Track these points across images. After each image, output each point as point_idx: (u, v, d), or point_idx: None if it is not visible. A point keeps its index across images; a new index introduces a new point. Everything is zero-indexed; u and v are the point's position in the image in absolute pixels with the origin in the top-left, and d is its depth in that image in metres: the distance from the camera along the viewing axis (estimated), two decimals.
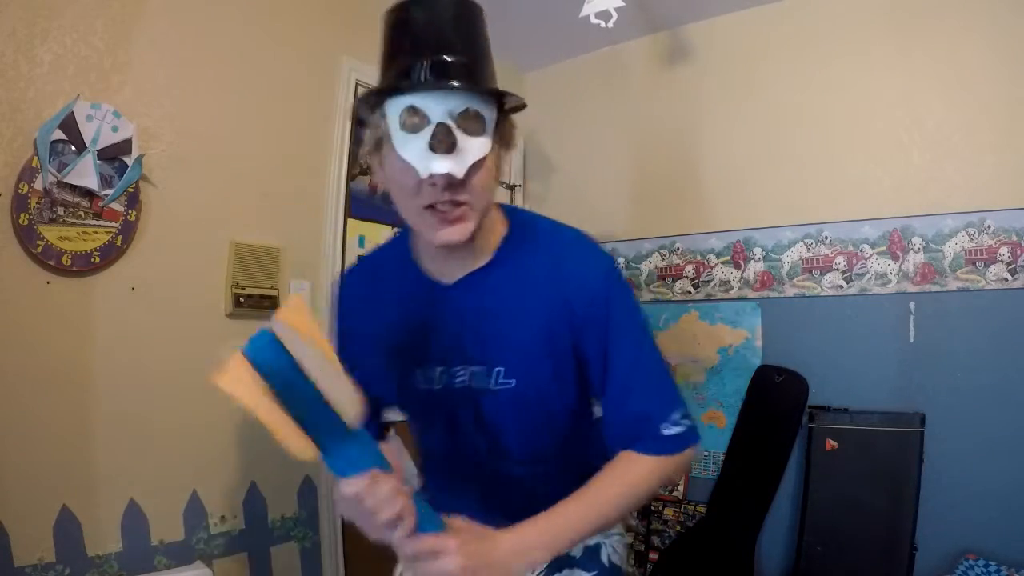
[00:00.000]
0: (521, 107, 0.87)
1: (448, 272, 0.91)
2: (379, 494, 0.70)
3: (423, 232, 0.84)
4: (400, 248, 0.96)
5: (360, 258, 1.07)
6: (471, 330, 0.90)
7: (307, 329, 0.67)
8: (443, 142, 0.76)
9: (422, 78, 0.78)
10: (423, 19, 0.82)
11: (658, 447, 0.88)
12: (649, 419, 0.88)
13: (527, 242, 0.92)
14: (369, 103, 0.83)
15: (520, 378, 0.89)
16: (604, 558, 1.03)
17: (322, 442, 0.67)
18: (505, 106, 0.85)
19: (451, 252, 0.87)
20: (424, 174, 0.77)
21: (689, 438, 0.89)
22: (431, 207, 0.80)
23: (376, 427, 1.03)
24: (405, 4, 0.83)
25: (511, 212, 0.97)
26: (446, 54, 0.80)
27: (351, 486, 0.69)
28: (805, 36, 2.38)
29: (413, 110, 0.78)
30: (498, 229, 0.92)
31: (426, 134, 0.77)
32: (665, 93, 2.69)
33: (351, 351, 0.85)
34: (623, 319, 0.90)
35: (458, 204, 0.80)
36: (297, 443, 0.65)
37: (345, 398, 0.68)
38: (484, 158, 0.81)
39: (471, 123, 0.80)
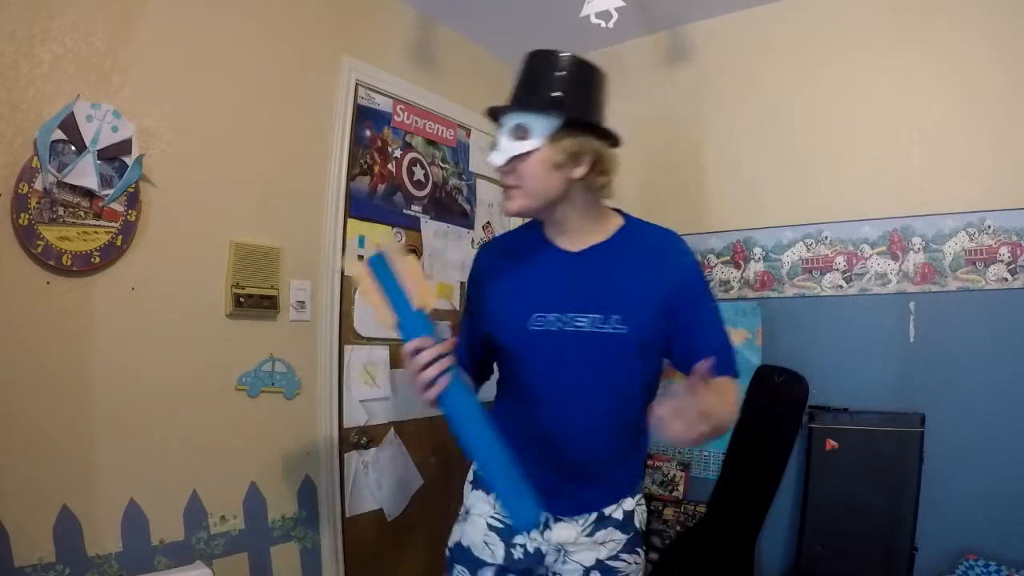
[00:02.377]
0: (593, 126, 1.22)
1: (576, 244, 1.22)
2: (427, 353, 1.02)
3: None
4: (532, 231, 1.28)
5: (494, 237, 1.44)
6: (590, 285, 1.18)
7: (403, 257, 1.11)
8: (494, 144, 1.17)
9: (499, 105, 1.19)
10: (523, 65, 1.26)
11: (733, 371, 1.19)
12: (726, 354, 1.18)
13: (640, 232, 1.25)
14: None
15: (632, 326, 1.15)
16: (636, 523, 1.26)
17: (398, 314, 1.07)
18: (571, 124, 1.16)
19: (585, 229, 1.21)
20: (489, 163, 1.18)
21: (738, 375, 1.20)
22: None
23: (475, 365, 1.33)
24: (535, 52, 1.26)
25: (627, 215, 1.28)
26: (525, 88, 1.22)
27: (412, 343, 1.03)
28: (805, 36, 2.38)
29: (497, 123, 1.19)
30: (616, 220, 1.25)
31: (498, 140, 1.17)
32: (665, 93, 2.69)
33: (476, 297, 1.31)
34: (705, 295, 1.23)
35: (508, 187, 1.17)
36: (385, 314, 1.07)
37: (416, 293, 1.07)
38: (527, 153, 1.13)
39: (519, 132, 1.14)
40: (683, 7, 2.54)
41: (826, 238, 2.27)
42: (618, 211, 1.28)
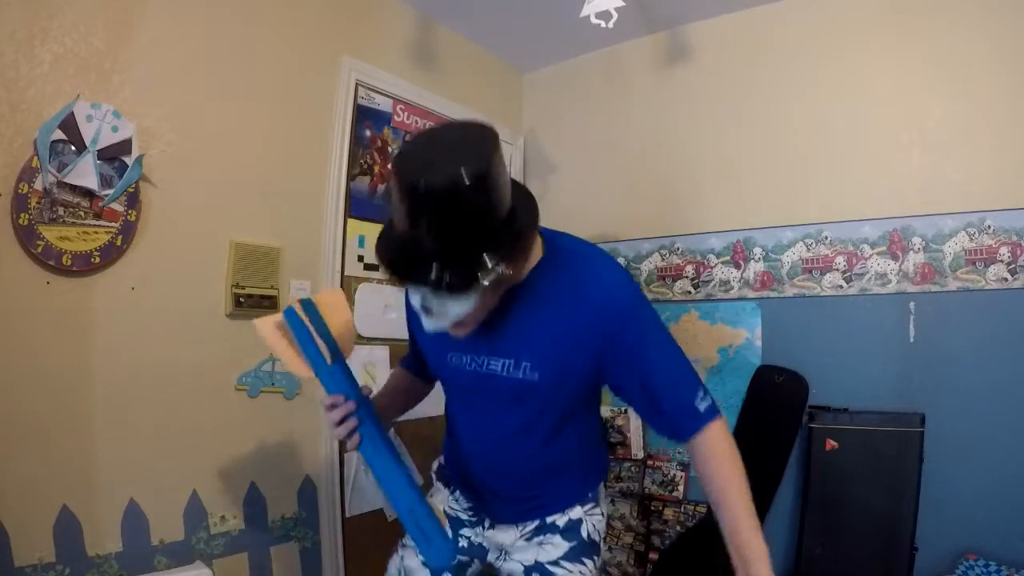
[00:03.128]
0: (522, 239, 0.98)
1: None
2: (339, 412, 1.07)
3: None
4: None
5: None
6: (502, 329, 1.08)
7: (333, 299, 1.11)
8: (425, 308, 0.95)
9: (398, 270, 0.94)
10: (405, 199, 0.88)
11: (703, 419, 1.07)
12: (685, 405, 1.06)
13: (559, 266, 1.07)
14: None
15: (543, 373, 1.07)
16: (584, 532, 1.21)
17: (313, 369, 1.08)
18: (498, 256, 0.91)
19: None
20: (426, 328, 1.00)
21: (715, 409, 1.09)
22: None
23: (426, 373, 1.36)
24: (398, 171, 0.89)
25: (550, 238, 1.11)
26: (421, 245, 0.89)
27: (327, 399, 1.09)
28: (805, 36, 2.38)
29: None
30: (536, 255, 1.07)
31: (416, 299, 0.96)
32: (665, 93, 2.69)
33: (413, 328, 1.29)
34: (644, 333, 1.06)
35: (459, 327, 1.00)
36: (298, 368, 1.08)
37: (343, 340, 1.09)
38: (470, 309, 0.94)
39: (443, 291, 0.90)
40: (683, 7, 2.54)
41: (826, 238, 2.27)
42: (543, 233, 1.10)
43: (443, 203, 0.85)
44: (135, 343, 1.65)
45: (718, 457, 1.08)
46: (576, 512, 1.22)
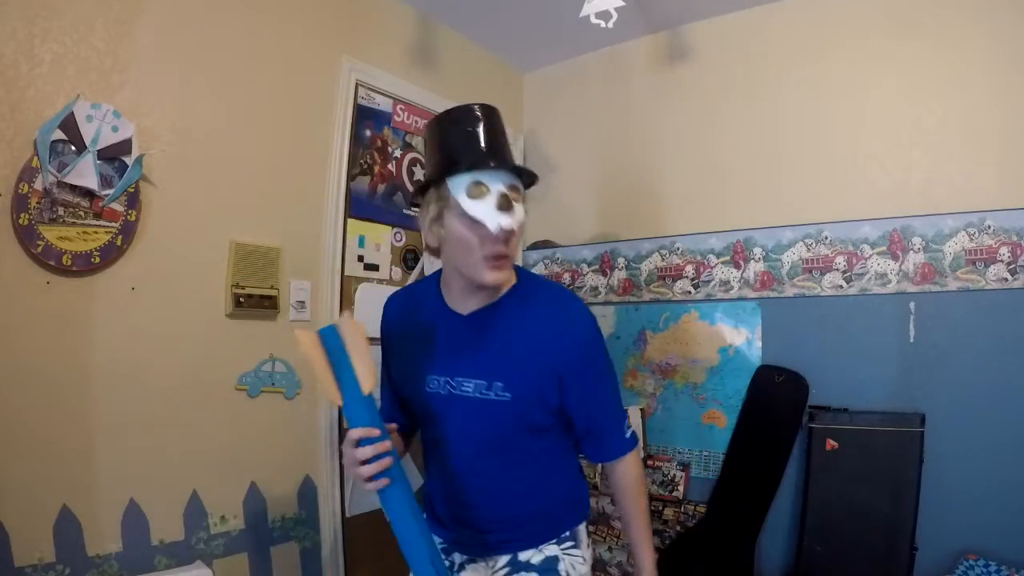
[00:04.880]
0: (534, 182, 1.18)
1: (464, 306, 1.17)
2: (371, 449, 0.99)
3: (476, 275, 1.09)
4: (431, 286, 1.24)
5: (402, 288, 1.38)
6: (475, 350, 1.15)
7: (356, 331, 1.06)
8: (507, 205, 1.05)
9: (484, 159, 1.08)
10: (467, 122, 1.11)
11: (627, 445, 1.24)
12: (616, 432, 1.23)
13: (530, 294, 1.18)
14: (427, 186, 1.11)
15: (514, 393, 1.14)
16: (562, 570, 1.21)
17: (345, 397, 1.01)
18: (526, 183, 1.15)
19: (474, 291, 1.14)
20: (494, 229, 1.03)
21: (635, 439, 1.26)
22: (489, 256, 1.06)
23: (404, 419, 1.31)
24: (450, 115, 1.12)
25: (519, 270, 1.23)
26: (492, 145, 1.10)
27: (357, 431, 1.00)
28: (805, 36, 2.38)
29: (478, 183, 1.05)
30: (510, 280, 1.18)
31: (491, 199, 1.04)
32: (665, 93, 2.69)
33: (386, 351, 1.30)
34: (598, 367, 1.20)
35: (502, 256, 1.08)
36: (331, 392, 1.01)
37: (364, 376, 1.02)
38: (523, 218, 1.09)
39: (515, 193, 1.08)
40: (683, 7, 2.54)
41: (826, 238, 2.27)
42: (515, 268, 1.21)
43: (496, 115, 1.13)
44: (135, 343, 1.65)
45: (630, 478, 1.24)
46: (552, 549, 1.22)
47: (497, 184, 1.05)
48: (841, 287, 2.24)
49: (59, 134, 1.48)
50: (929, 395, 2.03)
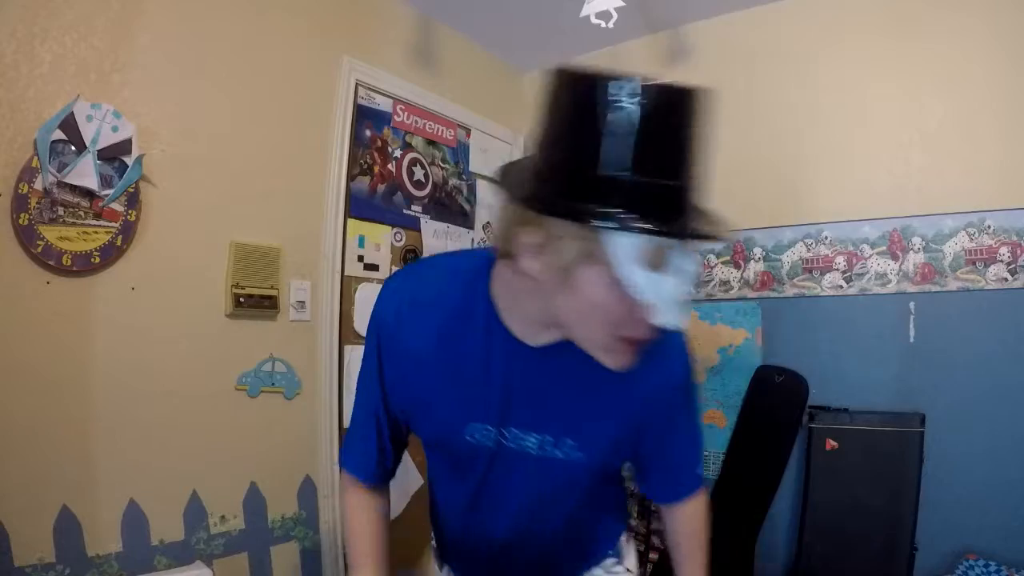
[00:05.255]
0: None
1: (534, 336, 0.83)
2: None
3: (594, 350, 0.75)
4: (477, 296, 0.86)
5: (411, 276, 0.99)
6: (543, 396, 0.87)
7: None
8: (686, 294, 0.70)
9: (686, 221, 0.67)
10: (670, 132, 0.67)
11: (700, 482, 1.02)
12: (692, 468, 1.01)
13: None
14: (552, 197, 0.67)
15: (588, 453, 0.89)
16: None
17: None
18: None
19: (539, 318, 0.80)
20: (662, 322, 0.69)
21: (704, 475, 1.04)
22: (626, 339, 0.73)
23: (389, 462, 1.01)
24: (650, 97, 0.67)
25: None
26: (690, 186, 0.69)
27: None
28: (805, 36, 2.38)
29: (661, 250, 0.67)
30: None
31: (672, 282, 0.68)
32: None
33: (392, 369, 0.91)
34: (687, 416, 0.96)
35: (642, 342, 0.74)
36: None
37: None
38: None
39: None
40: (683, 7, 2.54)
41: (826, 238, 2.27)
42: None
43: (703, 126, 0.67)
44: (135, 343, 1.65)
45: (700, 521, 1.04)
46: (596, 573, 1.07)
47: (687, 261, 0.69)
48: (841, 287, 2.24)
49: (59, 134, 1.48)
50: (929, 395, 2.03)
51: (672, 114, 0.67)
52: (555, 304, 0.74)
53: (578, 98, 0.68)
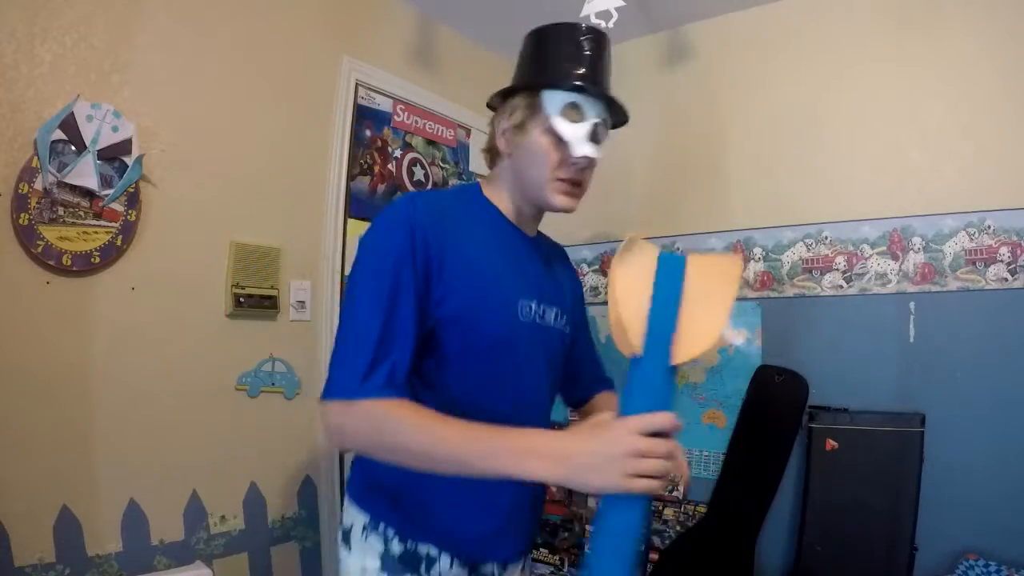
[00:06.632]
0: (621, 125, 1.15)
1: (526, 228, 1.12)
2: (668, 446, 0.73)
3: (542, 194, 1.04)
4: (473, 197, 1.10)
5: (424, 192, 1.09)
6: (548, 276, 1.11)
7: (711, 277, 0.73)
8: (599, 136, 1.03)
9: (588, 83, 1.02)
10: (578, 41, 1.07)
11: (612, 386, 1.33)
12: (602, 370, 1.35)
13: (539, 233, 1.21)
14: (512, 91, 1.09)
15: (571, 326, 1.15)
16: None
17: (645, 356, 0.70)
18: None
19: (529, 216, 1.11)
20: (578, 154, 1.00)
21: None
22: (563, 180, 1.03)
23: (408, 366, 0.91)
24: (560, 29, 1.10)
25: None
26: (597, 72, 1.05)
27: (661, 418, 0.71)
28: (805, 36, 2.38)
29: (575, 105, 1.01)
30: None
31: (584, 126, 1.01)
32: (665, 93, 2.69)
33: (428, 269, 0.92)
34: (584, 310, 1.33)
35: (577, 183, 1.05)
36: (633, 337, 0.69)
37: (691, 341, 0.69)
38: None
39: (605, 129, 1.06)
40: (683, 7, 2.54)
41: (826, 238, 2.27)
42: None
43: (607, 44, 1.09)
44: (135, 343, 1.65)
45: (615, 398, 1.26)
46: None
47: (593, 113, 1.02)
48: (841, 287, 2.24)
49: (59, 134, 1.48)
50: (929, 395, 2.03)
51: (592, 40, 1.07)
52: (515, 171, 1.07)
53: (533, 37, 1.14)
